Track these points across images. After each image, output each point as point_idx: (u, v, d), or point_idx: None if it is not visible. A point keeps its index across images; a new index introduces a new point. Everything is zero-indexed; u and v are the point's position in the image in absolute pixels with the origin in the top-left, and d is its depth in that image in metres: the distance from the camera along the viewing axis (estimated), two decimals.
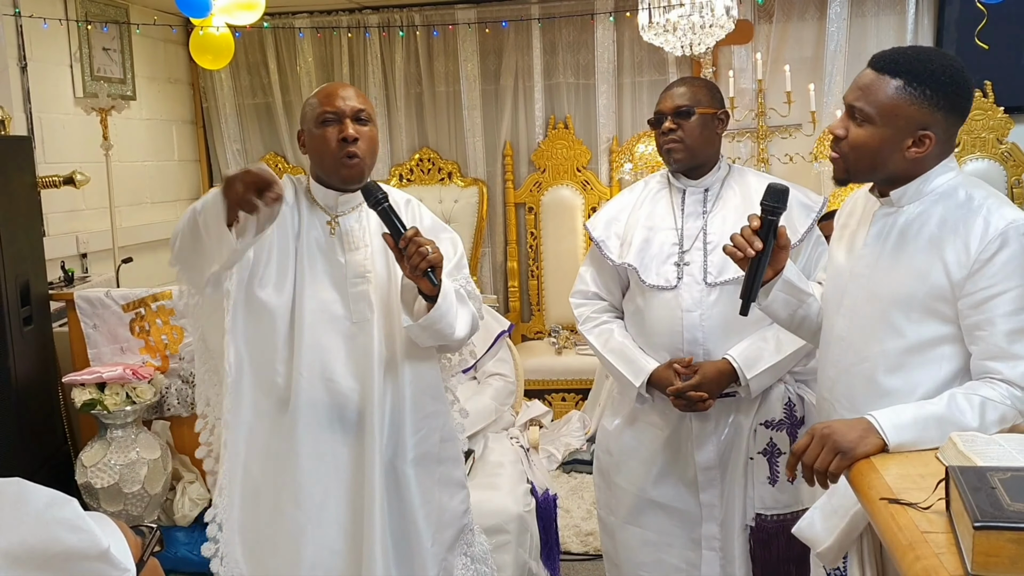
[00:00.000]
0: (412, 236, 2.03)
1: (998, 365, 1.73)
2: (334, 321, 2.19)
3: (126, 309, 3.62)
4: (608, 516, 2.71)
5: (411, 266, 2.03)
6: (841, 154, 1.89)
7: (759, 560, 2.51)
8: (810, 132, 4.85)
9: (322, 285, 2.20)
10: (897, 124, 1.81)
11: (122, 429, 3.47)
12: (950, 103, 1.80)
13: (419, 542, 2.22)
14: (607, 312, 2.65)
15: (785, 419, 2.50)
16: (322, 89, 2.24)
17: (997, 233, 1.74)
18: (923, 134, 1.80)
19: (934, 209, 1.84)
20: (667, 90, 2.55)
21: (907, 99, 1.80)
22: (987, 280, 1.74)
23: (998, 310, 1.73)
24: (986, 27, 3.72)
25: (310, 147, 2.23)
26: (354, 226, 2.24)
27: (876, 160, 1.85)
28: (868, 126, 1.83)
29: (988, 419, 1.68)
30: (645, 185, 2.67)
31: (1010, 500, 1.22)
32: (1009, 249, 1.73)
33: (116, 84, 4.94)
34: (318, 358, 2.16)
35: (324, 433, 2.17)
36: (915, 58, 1.83)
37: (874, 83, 1.83)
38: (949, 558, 1.26)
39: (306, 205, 2.26)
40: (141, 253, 4.85)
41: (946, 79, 1.80)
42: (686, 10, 3.86)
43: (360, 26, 5.60)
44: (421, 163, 5.72)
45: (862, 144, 1.84)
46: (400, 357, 2.21)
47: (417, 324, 2.11)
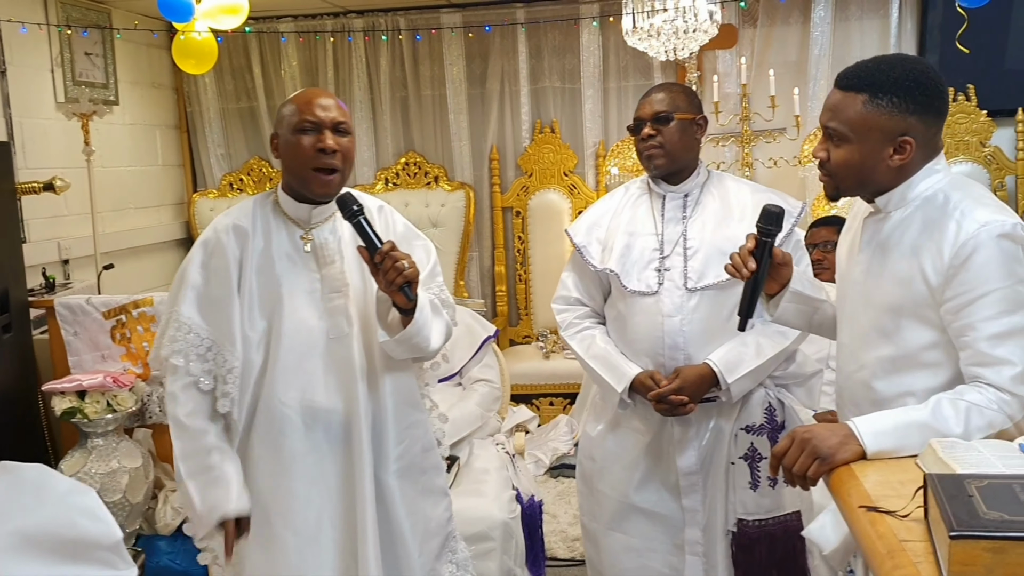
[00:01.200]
0: (388, 250, 2.00)
1: (983, 371, 1.72)
2: (311, 339, 2.15)
3: (107, 316, 3.59)
4: (591, 523, 2.70)
5: (387, 281, 2.00)
6: (828, 174, 1.90)
7: (741, 565, 2.51)
8: (794, 136, 4.85)
9: (298, 303, 2.16)
10: (873, 137, 1.81)
11: (103, 438, 3.44)
12: (920, 105, 1.80)
13: (407, 553, 2.20)
14: (589, 318, 2.65)
15: (766, 424, 2.50)
16: (301, 95, 2.18)
17: (968, 237, 1.73)
18: (902, 140, 1.81)
19: (916, 214, 1.84)
20: (645, 96, 2.55)
21: (876, 111, 1.80)
22: (964, 286, 1.73)
23: (977, 315, 1.72)
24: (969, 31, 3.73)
25: (284, 154, 2.17)
26: (328, 238, 2.20)
27: (862, 175, 1.86)
28: (846, 145, 1.84)
29: (973, 425, 1.67)
30: (626, 191, 2.67)
31: (986, 508, 1.21)
32: (982, 252, 1.72)
33: (98, 89, 4.91)
34: (297, 380, 2.13)
35: (311, 455, 2.14)
36: (876, 70, 1.83)
37: (842, 102, 1.84)
38: (927, 567, 1.25)
39: (274, 223, 2.20)
40: (123, 259, 4.82)
41: (910, 83, 1.80)
42: (670, 15, 3.85)
43: (344, 30, 5.58)
44: (407, 167, 5.70)
45: (844, 163, 1.85)
46: (380, 369, 2.18)
47: (394, 339, 2.08)
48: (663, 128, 2.48)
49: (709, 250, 2.47)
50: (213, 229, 2.19)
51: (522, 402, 4.86)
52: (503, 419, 4.05)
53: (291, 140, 2.13)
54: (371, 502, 2.13)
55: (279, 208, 2.22)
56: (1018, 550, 1.15)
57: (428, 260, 2.29)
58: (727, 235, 2.48)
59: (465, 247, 5.59)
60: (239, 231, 2.17)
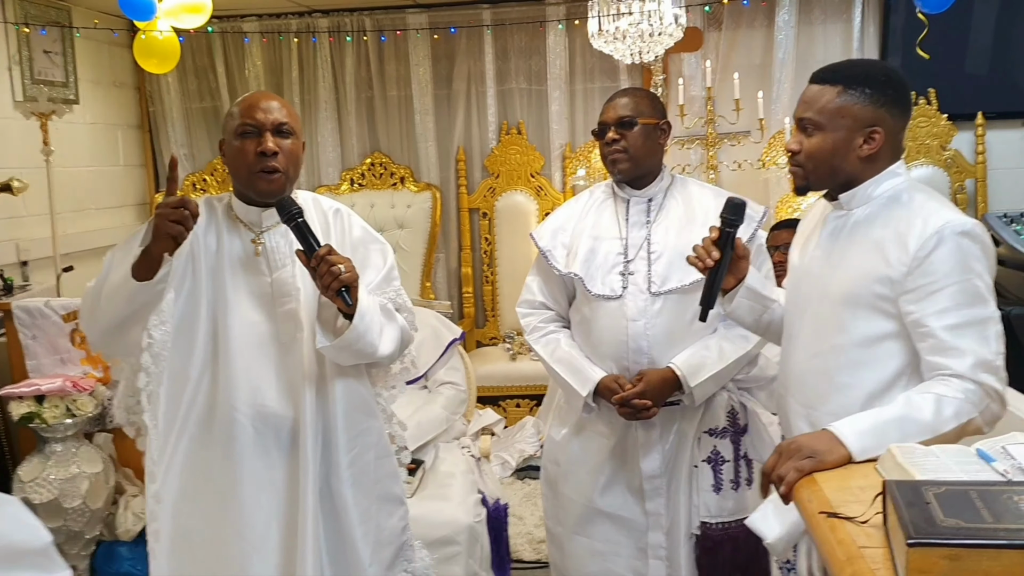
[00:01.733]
0: (324, 255, 1.98)
1: (945, 360, 1.78)
2: (262, 343, 2.13)
3: (67, 319, 3.54)
4: (556, 527, 2.70)
5: (323, 285, 1.99)
6: (799, 165, 1.99)
7: (705, 568, 2.52)
8: (758, 139, 4.88)
9: (247, 306, 2.14)
10: (846, 125, 1.91)
11: (62, 443, 3.39)
12: (891, 99, 1.92)
13: (357, 562, 2.18)
14: (554, 322, 2.66)
15: (728, 427, 2.52)
16: (245, 99, 2.17)
17: (933, 231, 1.81)
18: (872, 131, 1.91)
19: (881, 212, 1.93)
20: (609, 101, 2.56)
21: (850, 100, 1.91)
22: (925, 277, 1.81)
23: (938, 306, 1.80)
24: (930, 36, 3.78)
25: (229, 158, 2.16)
26: (279, 242, 2.18)
27: (832, 163, 1.94)
28: (819, 133, 1.93)
29: (945, 414, 1.72)
30: (591, 195, 2.68)
31: (943, 515, 1.22)
32: (945, 246, 1.80)
33: (58, 88, 4.84)
34: (248, 384, 2.11)
35: (260, 461, 2.12)
36: (850, 66, 2.01)
37: (818, 94, 1.94)
38: (885, 574, 1.26)
39: (226, 225, 2.19)
40: (84, 261, 4.75)
41: (883, 78, 1.92)
42: (635, 18, 3.86)
43: (309, 30, 5.54)
44: (373, 168, 5.67)
45: (816, 151, 1.95)
46: (330, 375, 2.16)
47: (333, 345, 2.05)
48: (627, 133, 2.49)
49: (673, 255, 2.48)
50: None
51: (489, 404, 4.85)
52: (469, 422, 4.04)
53: (234, 144, 2.13)
54: (313, 511, 2.11)
55: (231, 211, 2.21)
56: (974, 557, 1.16)
57: (384, 264, 2.27)
58: (691, 239, 2.48)
59: (431, 248, 5.57)
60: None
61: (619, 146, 2.50)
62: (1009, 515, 1.22)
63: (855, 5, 5.18)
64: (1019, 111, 5.20)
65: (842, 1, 5.22)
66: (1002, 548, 1.16)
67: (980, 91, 5.15)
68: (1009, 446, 1.54)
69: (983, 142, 5.08)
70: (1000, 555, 1.16)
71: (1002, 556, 1.16)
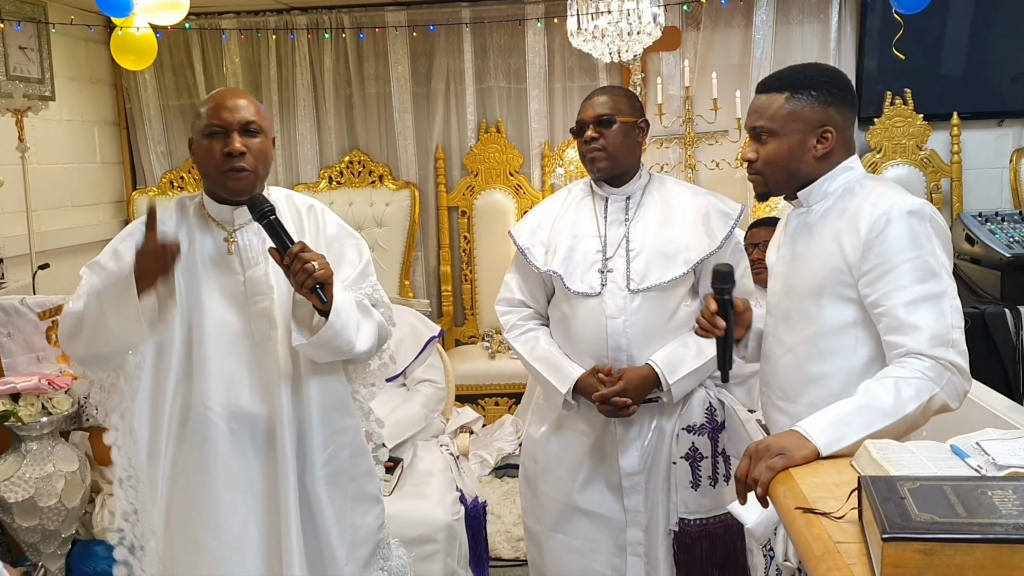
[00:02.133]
0: (297, 252, 1.97)
1: (900, 338, 1.82)
2: (235, 342, 2.12)
3: (42, 317, 3.51)
4: (534, 524, 2.71)
5: (297, 283, 1.98)
6: (757, 173, 2.04)
7: (683, 564, 2.54)
8: (736, 138, 4.91)
9: (220, 305, 2.12)
10: (797, 128, 1.97)
11: (37, 441, 3.36)
12: (837, 98, 1.98)
13: (333, 561, 2.18)
14: (533, 319, 2.66)
15: (707, 423, 2.54)
16: (212, 97, 2.14)
17: (881, 212, 1.87)
18: (823, 130, 1.97)
19: (836, 204, 1.98)
20: (588, 99, 2.57)
21: (798, 104, 1.97)
22: (879, 258, 1.86)
23: (892, 284, 1.84)
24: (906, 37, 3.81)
25: (197, 158, 2.14)
26: (252, 240, 2.16)
27: (790, 167, 2.00)
28: (773, 140, 1.99)
29: (904, 396, 1.75)
30: (569, 193, 2.69)
31: (918, 511, 1.23)
32: (894, 226, 1.85)
33: (34, 84, 4.79)
34: (222, 384, 2.10)
35: (236, 462, 2.11)
36: (793, 72, 2.04)
37: (766, 102, 2.00)
38: (860, 568, 1.27)
39: (198, 224, 2.18)
40: (60, 258, 4.71)
41: (826, 79, 1.99)
42: (614, 17, 3.87)
43: (287, 27, 5.52)
44: (351, 165, 5.66)
45: (773, 157, 2.00)
46: (305, 373, 2.14)
47: (309, 342, 2.04)
48: (605, 131, 2.50)
49: (651, 252, 2.49)
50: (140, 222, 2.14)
51: (467, 402, 4.85)
52: (447, 420, 4.04)
53: (202, 145, 2.11)
54: (295, 509, 2.10)
55: (203, 210, 2.19)
56: (948, 552, 1.18)
57: (360, 260, 2.26)
58: (669, 237, 2.51)
59: (410, 247, 5.56)
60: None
61: (598, 144, 2.51)
62: (983, 510, 1.23)
63: (832, 5, 5.22)
64: (994, 111, 5.25)
65: (819, 1, 5.26)
66: (975, 542, 1.17)
67: (955, 92, 5.20)
68: (983, 442, 1.56)
69: (958, 142, 5.13)
70: (974, 549, 1.17)
71: (975, 550, 1.17)
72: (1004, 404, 2.82)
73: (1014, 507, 1.23)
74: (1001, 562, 1.16)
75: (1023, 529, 1.18)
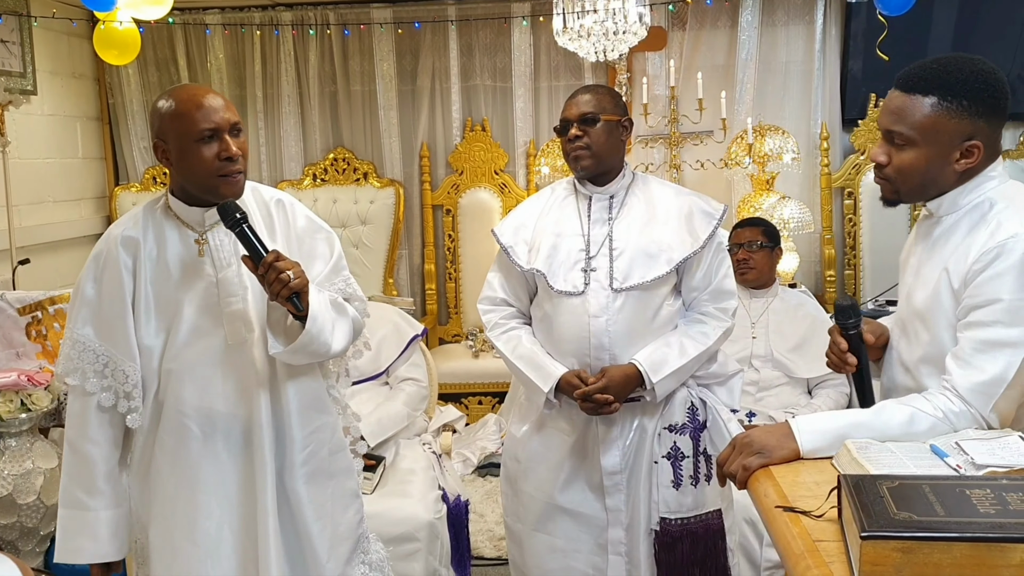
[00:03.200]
0: (271, 262, 1.94)
1: (955, 366, 1.71)
2: (209, 345, 2.09)
3: (22, 312, 3.48)
4: (516, 524, 2.70)
5: (272, 293, 1.96)
6: (887, 179, 1.86)
7: (664, 564, 2.53)
8: (721, 139, 4.92)
9: (193, 308, 2.09)
10: (941, 140, 1.78)
11: (16, 438, 3.33)
12: (989, 108, 1.77)
13: (315, 560, 2.16)
14: (515, 318, 2.66)
15: (688, 423, 2.53)
16: (187, 98, 2.02)
17: (996, 244, 1.72)
18: (970, 145, 1.78)
19: (963, 220, 1.82)
20: (572, 98, 2.57)
21: (945, 114, 1.76)
22: (978, 288, 1.72)
23: (979, 317, 1.71)
24: (890, 38, 3.83)
25: (181, 163, 2.03)
26: (223, 240, 2.11)
27: (926, 179, 1.82)
28: (911, 148, 1.80)
29: (915, 430, 1.67)
30: (552, 192, 2.68)
31: (896, 509, 1.24)
32: (1004, 260, 1.70)
33: (15, 78, 4.75)
34: (195, 388, 2.07)
35: (211, 465, 2.09)
36: (943, 71, 1.78)
37: (907, 105, 1.80)
38: (839, 566, 1.28)
39: (166, 227, 2.12)
40: (40, 254, 4.68)
41: (980, 85, 1.76)
42: (600, 16, 3.87)
43: (272, 23, 5.50)
44: (336, 163, 5.64)
45: (909, 167, 1.82)
46: (281, 375, 2.12)
47: (287, 350, 2.02)
48: (589, 129, 2.50)
49: (635, 251, 2.49)
50: (104, 241, 2.12)
51: (451, 401, 4.84)
52: (430, 419, 4.03)
53: (190, 149, 2.00)
54: (273, 511, 2.09)
55: (170, 212, 2.13)
56: (925, 550, 1.18)
57: (331, 254, 2.23)
58: (652, 237, 2.51)
59: (394, 245, 5.55)
60: (129, 242, 2.08)
61: (581, 143, 2.50)
62: (961, 509, 1.24)
63: (817, 7, 5.25)
64: None
65: (804, 3, 5.28)
66: (953, 541, 1.18)
67: None
68: (963, 442, 1.57)
69: None
70: (951, 547, 1.18)
71: (953, 548, 1.18)
72: None
73: (992, 506, 1.24)
74: (979, 560, 1.17)
75: (1000, 528, 1.19)
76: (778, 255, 3.85)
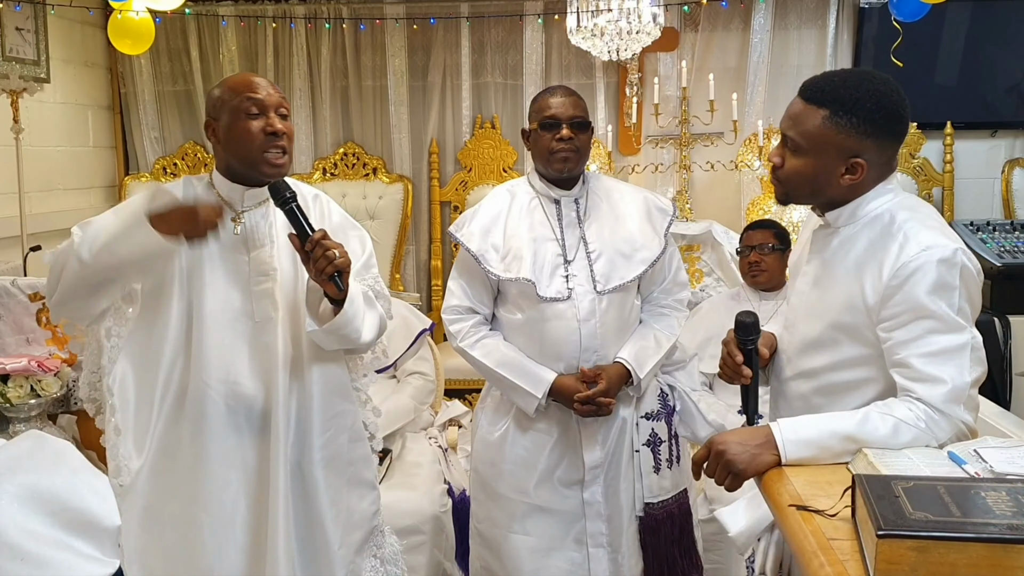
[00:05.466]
0: (319, 239, 1.98)
1: (916, 386, 1.72)
2: (236, 321, 2.12)
3: (33, 299, 3.50)
4: (490, 529, 2.69)
5: (317, 270, 1.99)
6: (779, 180, 1.92)
7: (649, 547, 2.59)
8: (732, 141, 4.92)
9: (223, 283, 2.13)
10: (828, 153, 1.82)
11: (25, 423, 3.35)
12: (879, 129, 1.80)
13: (326, 545, 2.18)
14: (483, 325, 2.66)
15: (661, 409, 2.65)
16: (237, 79, 2.15)
17: (909, 259, 1.74)
18: (854, 162, 1.81)
19: (863, 232, 1.86)
20: (555, 97, 2.58)
21: (834, 129, 1.80)
22: (900, 306, 1.74)
23: (912, 334, 1.73)
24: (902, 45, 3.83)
25: (228, 140, 2.13)
26: (260, 222, 2.17)
27: (813, 187, 1.87)
28: (800, 155, 1.85)
29: (898, 440, 1.68)
30: (511, 196, 2.67)
31: (912, 509, 1.25)
32: (921, 275, 1.73)
33: (29, 66, 4.76)
34: (221, 362, 2.10)
35: (231, 438, 2.12)
36: (842, 86, 1.82)
37: (802, 113, 1.84)
38: (853, 565, 1.29)
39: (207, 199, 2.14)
40: (51, 241, 4.65)
41: (872, 105, 1.79)
42: (614, 15, 3.88)
43: (286, 16, 5.50)
44: (346, 157, 5.65)
45: (796, 173, 1.87)
46: (306, 357, 2.15)
47: (322, 329, 2.06)
48: (580, 134, 2.55)
49: (611, 252, 2.55)
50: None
51: (455, 396, 4.85)
52: (436, 413, 4.04)
53: (237, 125, 2.10)
54: (284, 492, 2.10)
55: (212, 189, 2.20)
56: (941, 550, 1.19)
57: (363, 251, 2.28)
58: (623, 236, 2.58)
59: (402, 240, 5.56)
60: None
61: (572, 145, 2.53)
62: (977, 510, 1.25)
63: (830, 12, 5.25)
64: (987, 122, 5.28)
65: (817, 7, 5.28)
66: (969, 541, 1.19)
67: (949, 101, 5.23)
68: (981, 449, 1.57)
69: (951, 151, 5.16)
70: (967, 548, 1.19)
71: (969, 549, 1.19)
72: (993, 410, 2.84)
73: (1007, 508, 1.25)
74: (994, 561, 1.18)
75: (1016, 529, 1.19)
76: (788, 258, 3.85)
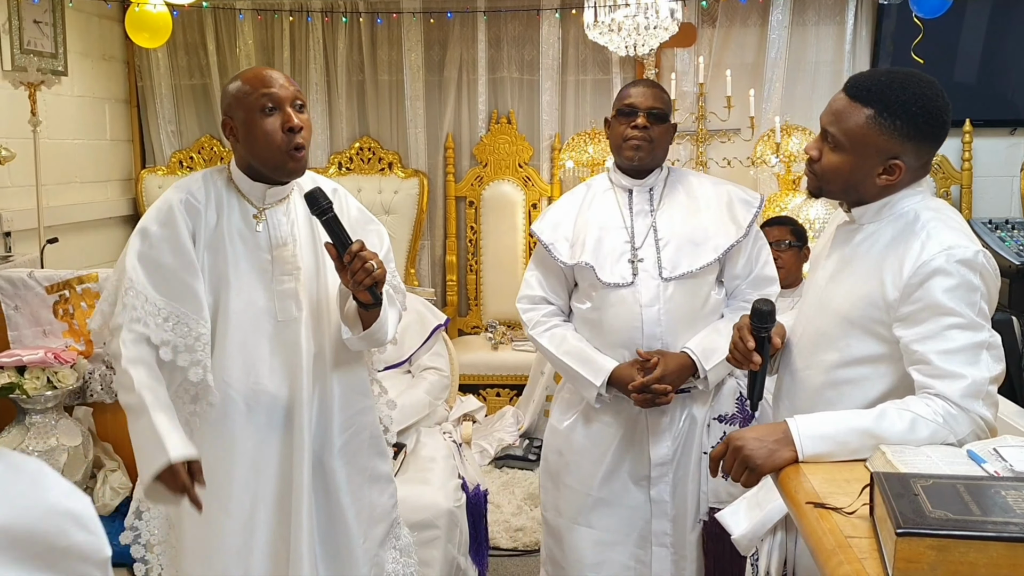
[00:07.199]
0: (358, 251, 1.97)
1: (935, 382, 1.72)
2: (258, 320, 2.11)
3: (50, 291, 3.51)
4: (556, 518, 2.69)
5: (355, 282, 1.98)
6: (814, 174, 1.92)
7: (711, 553, 2.55)
8: (748, 137, 4.90)
9: (246, 281, 2.12)
10: (867, 153, 1.82)
11: (42, 415, 3.37)
12: (921, 133, 1.80)
13: (349, 540, 2.18)
14: (556, 316, 2.66)
15: (737, 413, 2.56)
16: (249, 75, 2.10)
17: (930, 257, 1.75)
18: (893, 163, 1.82)
19: (886, 229, 1.86)
20: (636, 86, 2.58)
21: (876, 129, 1.80)
22: (919, 303, 1.75)
23: (929, 331, 1.73)
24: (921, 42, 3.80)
25: (247, 137, 2.08)
26: (281, 220, 2.16)
27: (847, 184, 1.88)
28: (839, 152, 1.85)
29: (916, 436, 1.67)
30: (588, 188, 2.69)
31: (931, 507, 1.24)
32: (941, 274, 1.73)
33: (47, 59, 4.79)
34: (244, 361, 2.10)
35: (252, 438, 2.12)
36: (888, 86, 1.81)
37: (846, 110, 1.84)
38: (872, 563, 1.28)
39: (227, 199, 2.14)
40: (68, 233, 4.71)
41: (917, 109, 1.79)
42: (631, 10, 3.87)
43: (303, 10, 5.51)
44: (361, 152, 5.65)
45: (833, 169, 1.87)
46: (328, 355, 2.16)
47: (358, 337, 2.08)
48: (656, 125, 2.53)
49: (681, 241, 2.52)
50: (166, 201, 2.12)
51: (469, 392, 4.85)
52: (451, 408, 4.04)
53: (254, 124, 2.06)
54: (308, 490, 2.11)
55: (232, 184, 2.17)
56: (961, 549, 1.18)
57: (381, 246, 2.27)
58: (696, 225, 2.54)
59: (417, 235, 5.56)
60: (190, 207, 2.11)
61: (646, 134, 2.52)
62: (996, 509, 1.24)
63: (848, 8, 5.22)
64: (1006, 120, 5.25)
65: (836, 4, 5.25)
66: (989, 540, 1.18)
67: (968, 99, 5.19)
68: (1001, 448, 1.56)
69: (970, 149, 5.13)
70: (987, 547, 1.17)
71: (989, 548, 1.17)
72: (1012, 409, 2.82)
73: None
74: (1015, 561, 1.17)
75: None
76: (806, 255, 3.83)
